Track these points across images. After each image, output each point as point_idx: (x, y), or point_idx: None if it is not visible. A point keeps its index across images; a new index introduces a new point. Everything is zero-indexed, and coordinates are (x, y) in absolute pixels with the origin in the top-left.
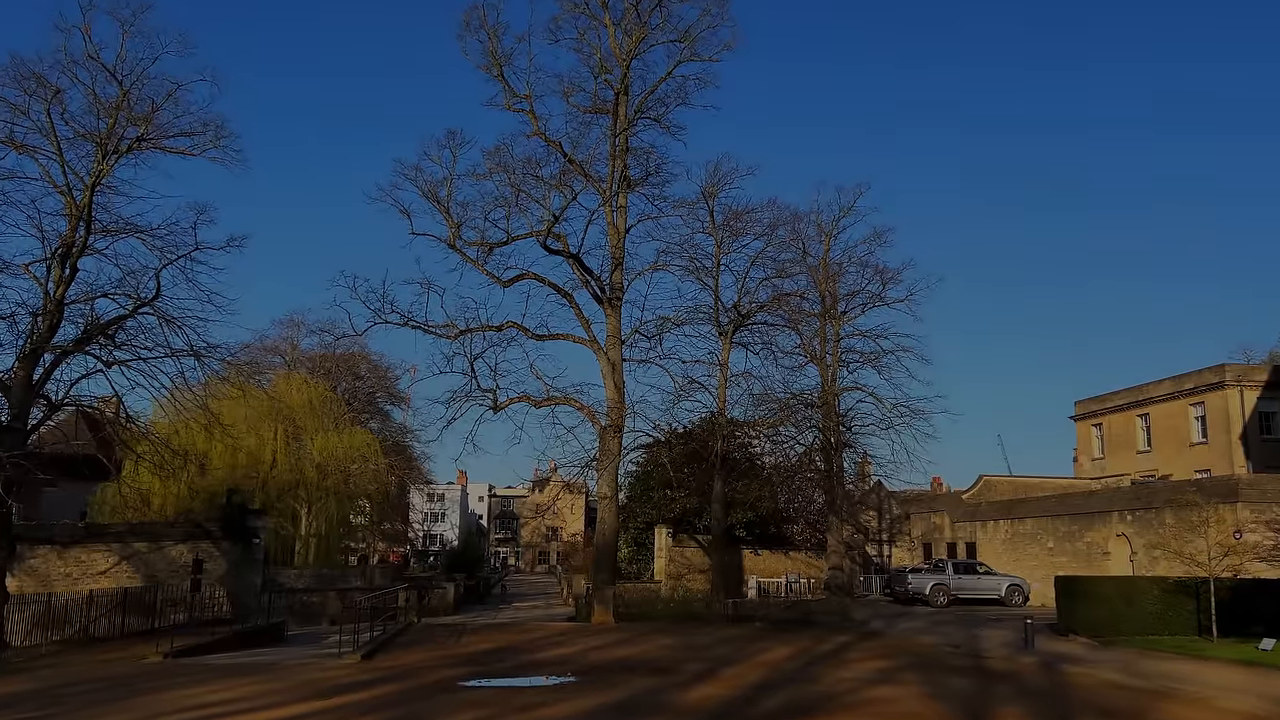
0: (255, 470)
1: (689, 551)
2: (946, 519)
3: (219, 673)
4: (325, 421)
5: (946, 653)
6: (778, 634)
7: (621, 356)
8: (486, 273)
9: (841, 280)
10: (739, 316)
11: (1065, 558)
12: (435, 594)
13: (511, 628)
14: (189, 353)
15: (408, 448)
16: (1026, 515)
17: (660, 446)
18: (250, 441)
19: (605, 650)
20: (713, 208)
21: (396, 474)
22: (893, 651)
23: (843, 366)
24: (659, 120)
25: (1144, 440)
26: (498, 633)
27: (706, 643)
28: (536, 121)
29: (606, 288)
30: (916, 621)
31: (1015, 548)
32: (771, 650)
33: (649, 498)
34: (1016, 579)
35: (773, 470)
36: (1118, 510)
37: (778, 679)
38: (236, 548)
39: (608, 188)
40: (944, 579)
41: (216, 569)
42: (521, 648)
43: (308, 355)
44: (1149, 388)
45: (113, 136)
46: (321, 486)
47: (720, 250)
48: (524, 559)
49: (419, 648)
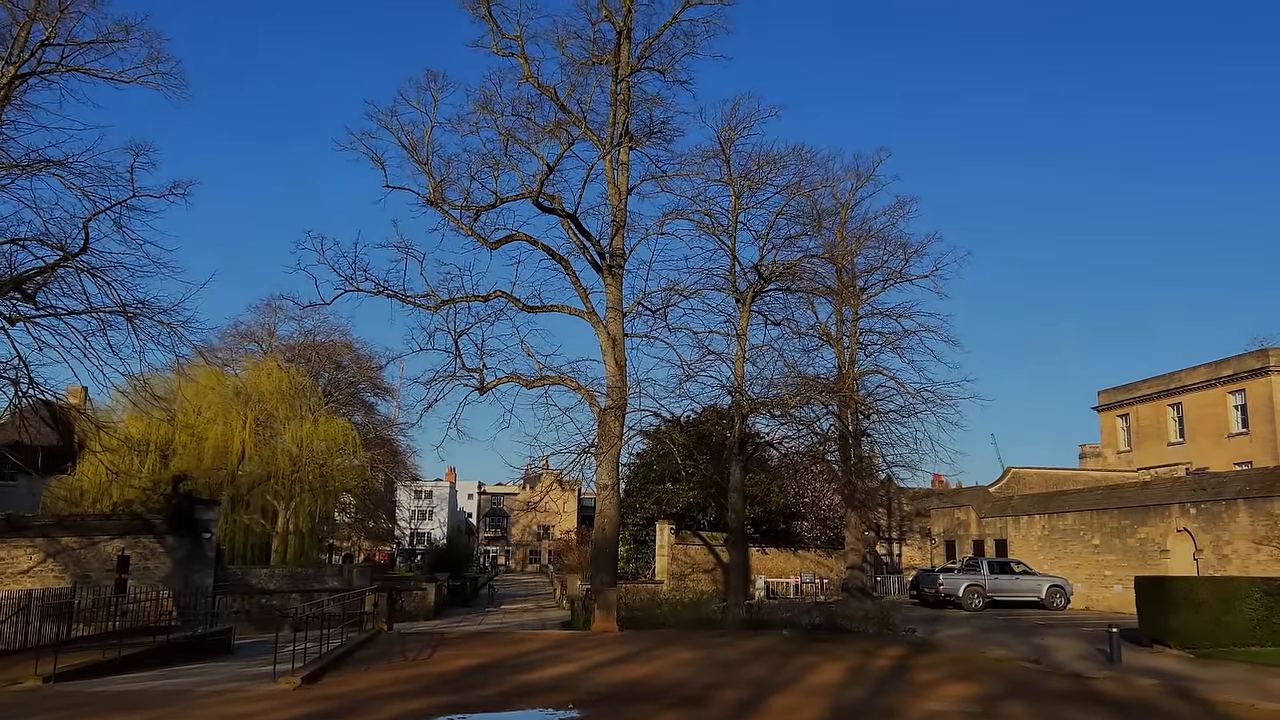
0: (223, 462)
1: (692, 549)
2: (973, 514)
3: (98, 707)
4: (300, 410)
5: (1030, 670)
6: (813, 645)
7: (623, 331)
8: (472, 233)
9: (860, 255)
10: (760, 280)
11: (1114, 556)
12: (413, 596)
13: (498, 638)
14: (117, 310)
15: (393, 441)
16: (1068, 509)
17: (670, 427)
18: (216, 430)
19: (613, 669)
20: (729, 155)
21: (382, 469)
22: (967, 670)
23: (861, 348)
24: (664, 72)
25: (1176, 431)
26: (481, 644)
27: (734, 658)
28: (528, 65)
29: (606, 254)
30: (960, 628)
31: (1054, 545)
32: (819, 669)
33: (649, 491)
34: (1057, 579)
35: (782, 461)
36: (1179, 503)
37: (848, 714)
38: (183, 543)
39: (608, 140)
40: (979, 579)
41: (160, 568)
42: (508, 664)
43: (286, 343)
44: (1182, 375)
45: (18, 44)
46: (296, 480)
47: (738, 204)
48: (514, 558)
49: (380, 665)
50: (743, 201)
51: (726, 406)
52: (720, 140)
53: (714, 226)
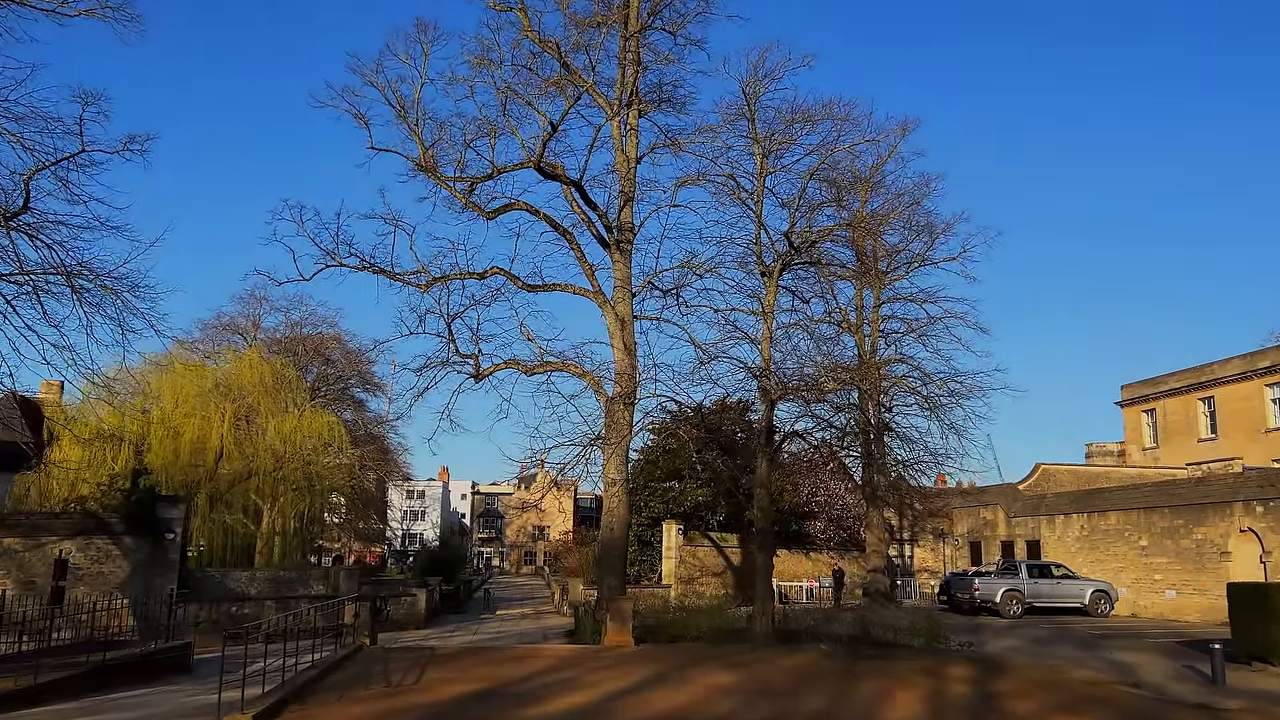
0: (201, 459)
1: (701, 551)
2: (1000, 513)
3: None
4: (283, 403)
5: (1136, 697)
6: (862, 664)
7: (633, 311)
8: (468, 203)
9: (886, 234)
10: (790, 250)
11: (1165, 558)
12: (402, 603)
13: (497, 654)
14: (56, 270)
15: (384, 438)
16: (1110, 508)
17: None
18: (193, 425)
19: (640, 699)
20: (754, 111)
21: (372, 468)
22: (1064, 697)
23: (882, 336)
24: (675, 33)
25: (1207, 426)
26: (478, 662)
27: (780, 683)
28: (527, 18)
29: (614, 227)
30: (1008, 639)
31: (1094, 546)
32: (891, 699)
33: (654, 489)
34: (1101, 584)
35: (796, 457)
36: (1242, 500)
37: None
38: (143, 545)
39: (616, 101)
40: (1017, 584)
41: (116, 572)
42: (512, 692)
43: (272, 336)
44: (1214, 367)
45: None
46: (279, 478)
47: (765, 166)
48: (509, 559)
49: (357, 691)
50: (770, 164)
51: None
52: (745, 94)
53: (738, 190)
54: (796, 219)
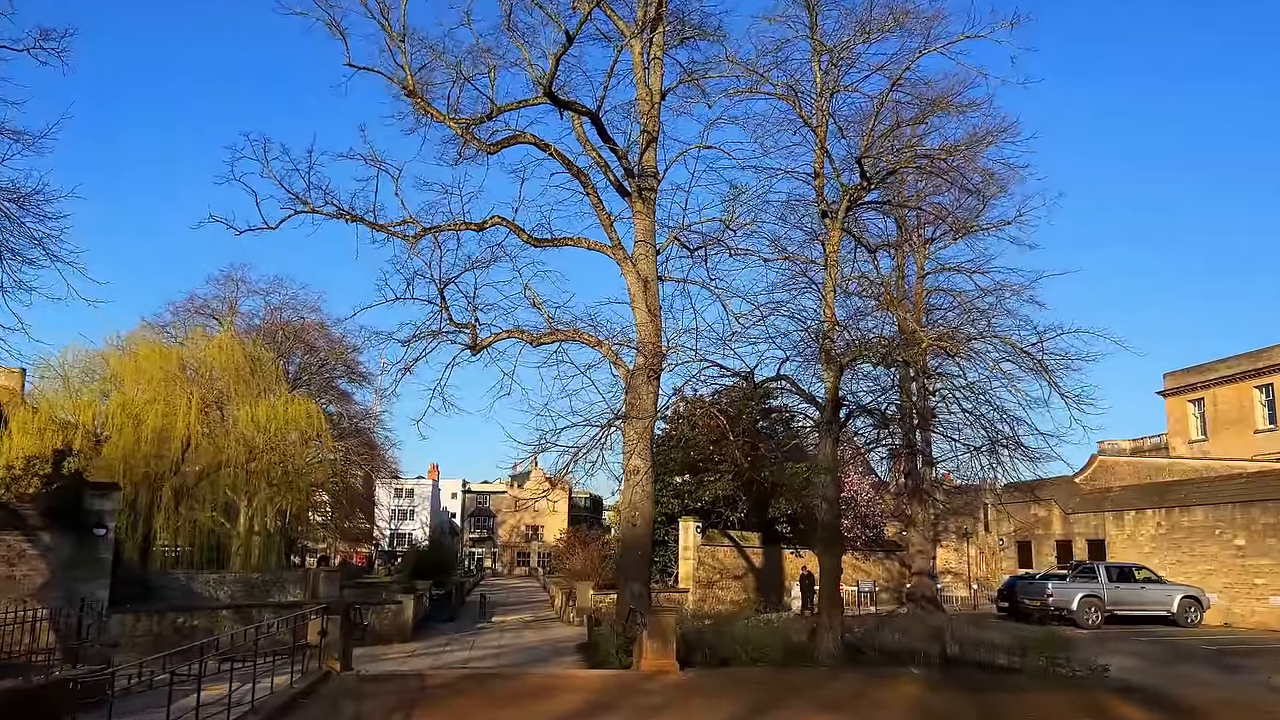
0: (165, 449)
1: (720, 552)
2: (1055, 510)
3: None
4: (258, 389)
5: None
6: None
7: (657, 270)
8: (468, 136)
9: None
10: (863, 181)
11: (1268, 560)
12: (386, 611)
13: (505, 684)
14: None
15: (371, 432)
16: (1194, 502)
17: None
18: (156, 411)
19: None
20: (815, 13)
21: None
22: None
23: (926, 312)
24: None
25: (1264, 417)
26: (484, 701)
27: None
28: None
29: (635, 171)
30: (1116, 657)
31: (1174, 546)
32: None
33: (668, 482)
34: (1191, 589)
35: None
36: None
37: None
38: (66, 543)
39: (638, 22)
40: (1095, 589)
41: (32, 576)
42: None
43: (250, 322)
44: (1273, 352)
45: None
46: (252, 470)
47: (826, 80)
48: (501, 560)
49: None
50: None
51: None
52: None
53: (797, 103)
54: (871, 141)
